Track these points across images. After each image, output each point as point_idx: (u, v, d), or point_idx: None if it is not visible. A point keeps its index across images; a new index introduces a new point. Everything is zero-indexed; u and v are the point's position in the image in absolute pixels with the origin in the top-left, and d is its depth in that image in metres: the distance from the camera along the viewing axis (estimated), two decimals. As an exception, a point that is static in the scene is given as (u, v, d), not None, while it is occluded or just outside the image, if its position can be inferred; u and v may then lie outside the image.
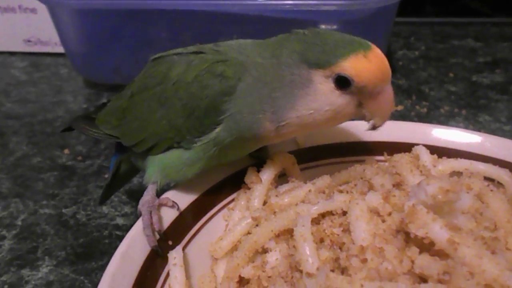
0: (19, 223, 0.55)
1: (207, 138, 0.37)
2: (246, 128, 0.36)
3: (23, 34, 0.95)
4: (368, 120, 0.37)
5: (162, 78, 0.39)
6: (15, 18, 0.93)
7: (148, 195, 0.39)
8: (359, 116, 0.37)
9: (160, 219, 0.37)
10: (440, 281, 0.25)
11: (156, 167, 0.40)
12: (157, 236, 0.36)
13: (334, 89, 0.35)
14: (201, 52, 0.38)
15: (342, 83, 0.34)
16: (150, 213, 0.37)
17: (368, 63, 0.34)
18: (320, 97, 0.35)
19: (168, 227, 0.38)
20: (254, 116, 0.36)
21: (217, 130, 0.36)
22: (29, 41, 0.96)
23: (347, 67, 0.33)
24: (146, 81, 0.41)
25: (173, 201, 0.39)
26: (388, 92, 0.36)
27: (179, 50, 0.40)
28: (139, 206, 0.38)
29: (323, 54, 0.34)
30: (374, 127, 0.38)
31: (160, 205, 0.39)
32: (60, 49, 0.92)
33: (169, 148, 0.39)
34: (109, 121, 0.45)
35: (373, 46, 0.35)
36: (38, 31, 0.95)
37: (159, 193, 0.40)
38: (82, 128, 0.48)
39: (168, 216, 0.38)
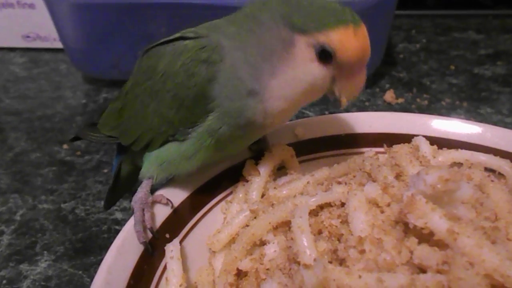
0: (18, 218, 0.54)
1: (200, 127, 0.36)
2: (236, 113, 0.35)
3: (22, 30, 0.95)
4: (333, 97, 0.36)
5: (151, 72, 0.38)
6: (14, 14, 0.92)
7: (141, 192, 0.38)
8: (329, 91, 0.36)
9: (152, 216, 0.37)
10: (439, 272, 0.25)
11: (153, 162, 0.40)
12: (149, 233, 0.35)
13: (315, 59, 0.33)
14: (184, 38, 0.37)
15: (325, 55, 0.33)
16: (143, 210, 0.36)
17: (355, 40, 0.32)
18: (299, 65, 0.33)
19: (165, 221, 0.37)
20: (241, 96, 0.34)
21: (209, 118, 0.35)
22: (27, 36, 0.96)
23: (334, 39, 0.32)
24: (137, 77, 0.41)
25: (167, 199, 0.38)
26: (363, 73, 0.35)
27: (165, 39, 0.39)
28: (132, 203, 0.37)
29: (309, 18, 0.32)
30: (339, 103, 0.36)
31: (154, 202, 0.38)
32: (59, 45, 0.92)
33: (164, 143, 0.39)
34: (108, 123, 0.44)
35: (361, 22, 0.33)
36: (37, 27, 0.94)
37: (154, 189, 0.40)
38: (87, 135, 0.48)
39: (162, 213, 0.38)
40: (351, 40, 0.32)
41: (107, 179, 0.60)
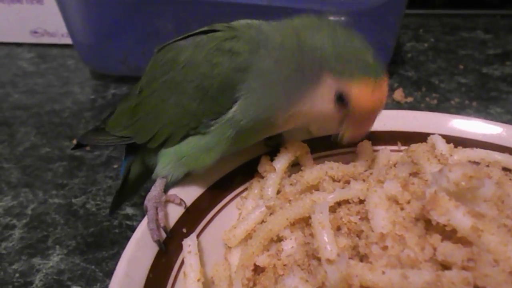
0: (29, 212, 0.54)
1: (223, 119, 0.36)
2: (260, 110, 0.35)
3: (30, 25, 0.95)
4: (338, 133, 0.38)
5: (170, 65, 0.38)
6: (22, 9, 0.92)
7: (155, 190, 0.37)
8: (339, 129, 0.38)
9: (166, 215, 0.36)
10: (464, 268, 0.25)
11: (171, 158, 0.39)
12: (162, 233, 0.35)
13: (332, 101, 0.35)
14: (213, 30, 0.37)
15: (341, 100, 0.35)
16: (156, 208, 0.36)
17: (371, 96, 0.34)
18: (318, 99, 0.35)
19: (180, 217, 0.37)
20: (269, 99, 0.35)
21: (233, 109, 0.35)
22: (35, 32, 0.96)
23: (352, 91, 0.34)
24: (153, 72, 0.40)
25: (181, 199, 0.38)
26: (371, 123, 0.37)
27: (188, 34, 0.39)
28: (145, 201, 0.37)
29: (340, 62, 0.34)
30: (339, 141, 0.39)
31: (167, 201, 0.38)
32: (66, 40, 0.92)
33: (184, 137, 0.38)
34: (120, 123, 0.43)
35: (384, 75, 0.35)
36: (45, 22, 0.94)
37: (168, 186, 0.39)
38: (92, 140, 0.47)
39: (176, 211, 0.37)
40: (367, 96, 0.34)
41: (117, 174, 0.60)
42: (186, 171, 0.39)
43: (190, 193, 0.39)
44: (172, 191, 0.39)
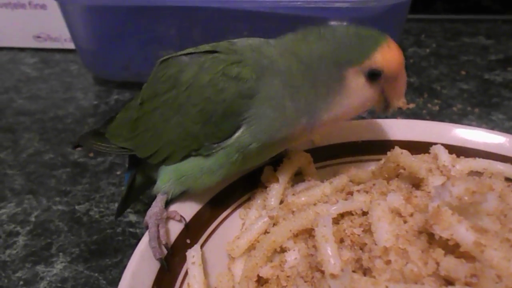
0: (33, 219, 0.55)
1: (226, 143, 0.36)
2: (274, 130, 0.36)
3: (33, 30, 0.95)
4: (382, 105, 0.39)
5: (173, 83, 0.37)
6: (25, 14, 0.93)
7: (156, 207, 0.37)
8: (379, 104, 0.39)
9: (167, 231, 0.36)
10: (467, 284, 0.25)
11: (170, 177, 0.39)
12: (164, 250, 0.35)
13: (365, 83, 0.36)
14: (215, 52, 0.37)
15: (374, 75, 0.36)
16: (158, 226, 0.36)
17: (392, 53, 0.36)
18: (353, 93, 0.36)
19: (181, 232, 0.37)
20: (285, 118, 0.36)
21: (237, 134, 0.35)
22: (38, 37, 0.96)
23: (379, 60, 0.35)
24: (155, 87, 0.39)
25: (181, 216, 0.37)
26: (404, 74, 0.38)
27: (190, 49, 0.39)
28: (146, 218, 0.37)
29: (352, 51, 0.35)
30: (389, 109, 0.40)
31: (168, 218, 0.37)
32: (69, 46, 0.92)
33: (186, 157, 0.38)
34: (121, 134, 0.43)
35: (387, 35, 0.37)
36: (48, 27, 0.95)
37: (170, 199, 0.39)
38: (92, 145, 0.47)
39: (177, 225, 0.37)
40: (390, 54, 0.35)
41: (120, 181, 0.61)
42: (185, 190, 0.39)
43: (191, 207, 0.39)
44: (173, 207, 0.38)
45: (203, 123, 0.36)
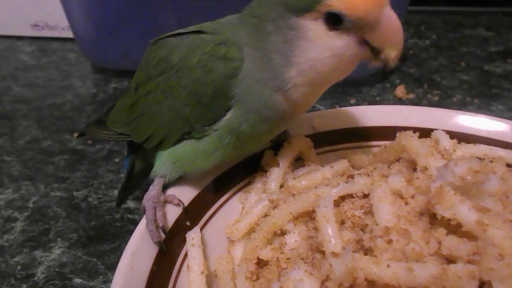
0: (31, 205, 0.54)
1: (217, 125, 0.35)
2: (260, 108, 0.34)
3: (31, 19, 0.94)
4: (377, 59, 0.33)
5: (163, 66, 0.37)
6: (23, 2, 0.92)
7: (153, 190, 0.37)
8: (366, 57, 0.33)
9: (164, 215, 0.36)
10: (469, 262, 0.25)
11: (166, 161, 0.38)
12: (162, 233, 0.35)
13: (327, 31, 0.31)
14: (201, 32, 0.36)
15: (334, 21, 0.31)
16: (155, 209, 0.36)
17: None
18: (314, 43, 0.32)
19: (179, 216, 0.37)
20: (264, 92, 0.34)
21: (227, 116, 0.35)
22: (36, 25, 0.95)
23: (334, 2, 0.30)
24: (148, 71, 0.39)
25: (179, 199, 0.37)
26: (390, 16, 0.31)
27: (179, 30, 0.38)
28: (144, 201, 0.37)
29: None
30: (387, 62, 0.33)
31: (165, 202, 0.37)
32: (67, 34, 0.92)
33: (179, 140, 0.37)
34: (119, 119, 0.43)
35: None
36: (46, 16, 0.94)
37: (167, 184, 0.39)
38: (95, 133, 0.47)
39: (173, 211, 0.37)
40: None
41: (118, 168, 0.60)
42: (182, 174, 0.38)
43: (190, 191, 0.39)
44: (171, 190, 0.38)
45: (193, 105, 0.35)
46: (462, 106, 0.73)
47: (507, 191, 0.29)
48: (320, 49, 0.32)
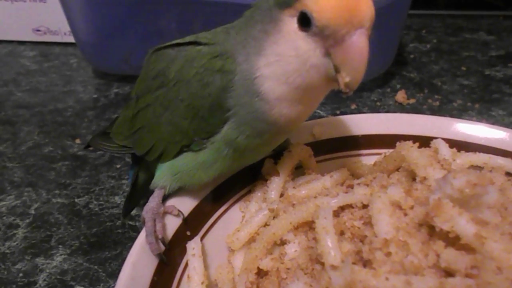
0: (32, 212, 0.55)
1: (215, 138, 0.35)
2: (252, 120, 0.34)
3: (32, 23, 0.95)
4: (339, 79, 0.31)
5: (162, 79, 0.37)
6: (25, 7, 0.92)
7: (153, 202, 0.37)
8: (329, 74, 0.31)
9: (164, 226, 0.36)
10: (468, 276, 0.25)
11: (166, 172, 0.39)
12: (161, 245, 0.35)
13: (297, 30, 0.30)
14: (197, 43, 0.36)
15: (305, 21, 0.30)
16: (154, 220, 0.36)
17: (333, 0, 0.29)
18: (284, 39, 0.31)
19: (179, 226, 0.37)
20: (252, 103, 0.33)
21: (224, 128, 0.35)
22: (38, 30, 0.96)
23: (309, 2, 0.29)
24: (147, 83, 0.39)
25: (179, 210, 0.37)
26: (359, 40, 0.29)
27: (177, 41, 0.38)
28: (143, 213, 0.37)
29: None
30: (341, 85, 0.31)
31: (165, 213, 0.37)
32: (69, 39, 0.92)
33: (178, 153, 0.38)
34: (122, 132, 0.43)
35: None
36: (48, 21, 0.94)
37: (168, 194, 0.39)
38: (99, 145, 0.47)
39: (173, 222, 0.37)
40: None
41: (120, 174, 0.61)
42: (182, 186, 0.39)
43: (190, 201, 0.39)
44: (170, 201, 0.38)
45: (191, 118, 0.35)
46: (462, 111, 0.73)
47: (505, 203, 0.29)
48: (287, 45, 0.31)
